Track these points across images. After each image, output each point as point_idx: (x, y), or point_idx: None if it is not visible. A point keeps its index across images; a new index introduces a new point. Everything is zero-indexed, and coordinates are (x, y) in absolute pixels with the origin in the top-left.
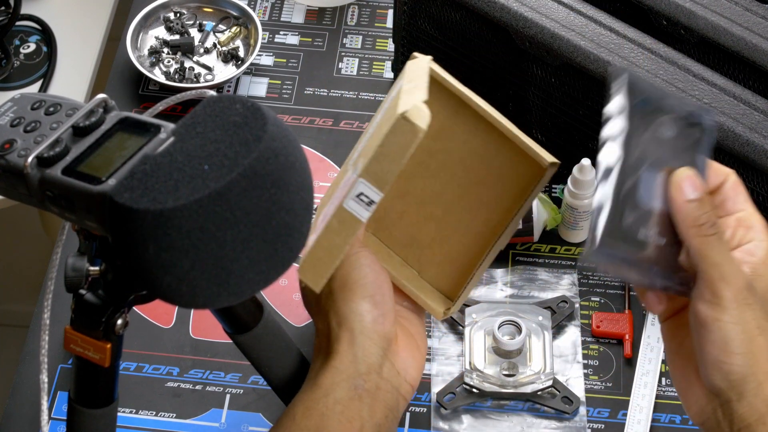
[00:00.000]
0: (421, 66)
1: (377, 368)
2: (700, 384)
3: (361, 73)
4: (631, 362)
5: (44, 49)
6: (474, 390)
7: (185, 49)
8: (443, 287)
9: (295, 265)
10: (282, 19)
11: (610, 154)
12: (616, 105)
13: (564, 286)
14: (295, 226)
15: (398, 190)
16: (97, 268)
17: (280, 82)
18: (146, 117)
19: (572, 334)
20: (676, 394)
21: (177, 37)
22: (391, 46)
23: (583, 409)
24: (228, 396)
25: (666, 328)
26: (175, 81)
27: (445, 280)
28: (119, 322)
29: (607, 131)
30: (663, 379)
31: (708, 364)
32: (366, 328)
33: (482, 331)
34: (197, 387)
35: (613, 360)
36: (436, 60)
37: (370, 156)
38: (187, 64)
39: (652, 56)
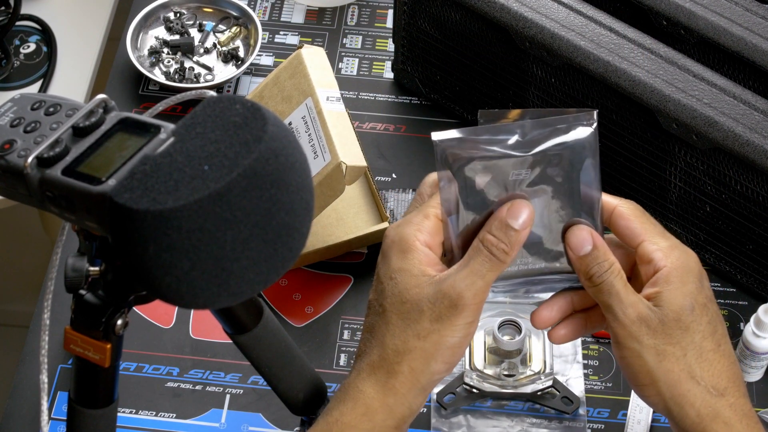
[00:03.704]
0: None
1: (417, 410)
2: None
3: (361, 73)
4: None
5: (44, 49)
6: (474, 390)
7: (185, 49)
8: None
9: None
10: (282, 19)
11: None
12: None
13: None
14: (295, 227)
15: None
16: (97, 268)
17: None
18: (146, 117)
19: None
20: None
21: (177, 37)
22: (391, 46)
23: (583, 409)
24: (228, 396)
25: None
26: (175, 81)
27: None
28: (119, 322)
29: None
30: None
31: (639, 398)
32: (431, 385)
33: (482, 331)
34: (197, 387)
35: (613, 360)
36: (437, 60)
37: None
38: (187, 64)
39: (652, 56)
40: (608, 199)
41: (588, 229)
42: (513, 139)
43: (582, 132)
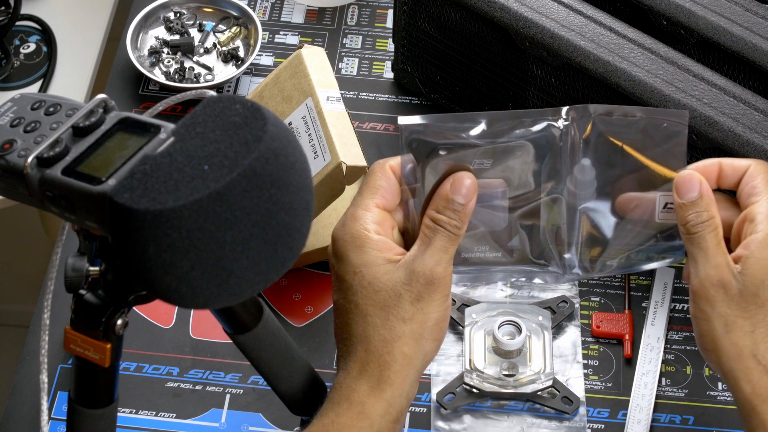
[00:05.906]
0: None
1: (412, 399)
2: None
3: (361, 73)
4: (630, 362)
5: (44, 49)
6: (474, 390)
7: (185, 49)
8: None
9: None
10: (282, 19)
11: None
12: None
13: (564, 286)
14: (295, 226)
15: None
16: (97, 268)
17: None
18: (146, 117)
19: (572, 334)
20: (676, 394)
21: (177, 37)
22: (391, 46)
23: (583, 409)
24: (228, 396)
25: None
26: (175, 81)
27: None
28: (119, 322)
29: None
30: (663, 379)
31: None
32: (423, 368)
33: (482, 331)
34: (197, 387)
35: (613, 360)
36: (437, 60)
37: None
38: (187, 64)
39: (652, 56)
40: (739, 163)
41: (699, 176)
42: (478, 129)
43: (547, 128)
